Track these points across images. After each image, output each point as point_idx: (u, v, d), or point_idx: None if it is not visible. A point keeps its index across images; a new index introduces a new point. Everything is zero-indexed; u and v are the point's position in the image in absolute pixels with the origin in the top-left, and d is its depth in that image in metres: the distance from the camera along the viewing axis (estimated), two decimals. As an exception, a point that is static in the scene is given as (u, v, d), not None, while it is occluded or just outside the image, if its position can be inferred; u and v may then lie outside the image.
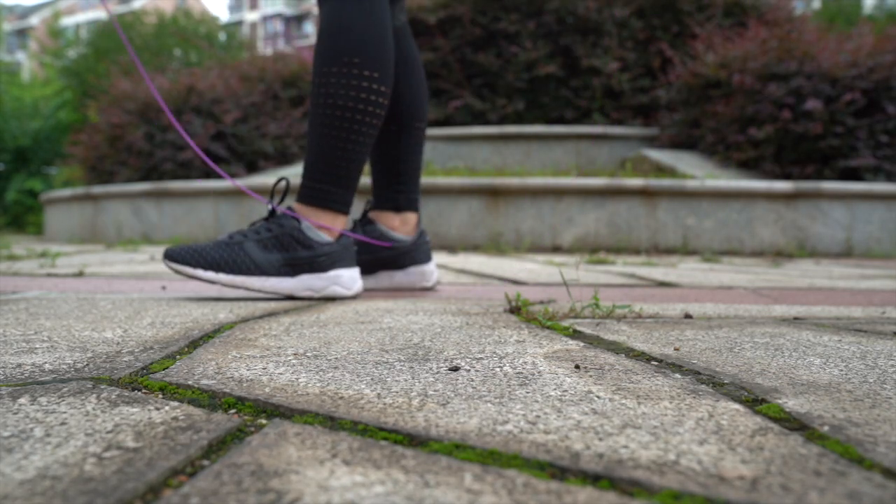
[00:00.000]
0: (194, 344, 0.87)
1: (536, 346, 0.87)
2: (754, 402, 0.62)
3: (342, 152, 1.40)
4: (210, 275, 1.33)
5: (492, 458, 0.46)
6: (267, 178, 4.69)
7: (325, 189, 1.41)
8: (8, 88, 12.92)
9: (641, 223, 3.84)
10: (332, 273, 1.38)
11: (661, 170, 4.64)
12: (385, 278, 1.64)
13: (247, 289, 1.35)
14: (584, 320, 1.11)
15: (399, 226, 1.65)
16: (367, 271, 1.62)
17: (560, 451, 0.47)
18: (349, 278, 1.40)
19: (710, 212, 3.82)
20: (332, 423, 0.54)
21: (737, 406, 0.60)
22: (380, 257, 1.62)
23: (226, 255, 1.34)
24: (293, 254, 1.36)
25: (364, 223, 1.65)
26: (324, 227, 1.40)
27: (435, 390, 0.64)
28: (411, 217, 1.67)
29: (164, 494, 0.40)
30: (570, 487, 0.41)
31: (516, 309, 1.18)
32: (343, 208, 1.43)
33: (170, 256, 1.35)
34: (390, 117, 1.60)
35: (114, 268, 2.31)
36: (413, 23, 6.08)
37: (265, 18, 47.54)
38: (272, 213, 1.41)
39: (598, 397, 0.62)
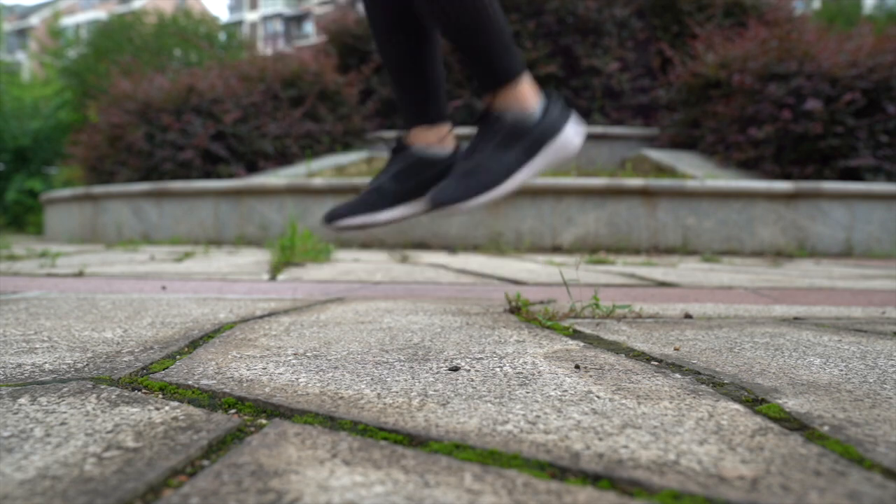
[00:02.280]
0: (194, 344, 0.87)
1: (536, 346, 0.87)
2: (754, 402, 0.61)
3: (488, 32, 1.45)
4: (486, 197, 1.42)
5: (492, 458, 0.46)
6: (267, 178, 4.69)
7: (499, 66, 1.44)
8: (8, 88, 12.91)
9: (641, 223, 3.84)
10: (561, 135, 1.48)
11: (661, 170, 4.64)
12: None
13: (514, 188, 1.43)
14: (584, 320, 1.11)
15: (435, 140, 1.65)
16: (414, 196, 1.61)
17: (560, 451, 0.47)
18: (573, 129, 1.51)
19: (710, 212, 3.82)
20: (332, 423, 0.54)
21: (737, 406, 0.60)
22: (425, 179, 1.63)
23: (484, 179, 1.43)
24: (524, 141, 1.45)
25: (398, 150, 1.64)
26: (525, 98, 1.45)
27: (435, 390, 0.64)
28: (444, 129, 1.68)
29: (164, 494, 0.40)
30: (570, 487, 0.41)
31: (516, 309, 1.18)
32: (522, 68, 1.48)
33: (440, 203, 1.42)
34: (408, 33, 1.61)
35: (114, 268, 2.31)
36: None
37: (265, 18, 47.54)
38: (480, 121, 1.49)
39: (598, 397, 0.62)
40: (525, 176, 1.46)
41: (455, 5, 1.44)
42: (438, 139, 1.63)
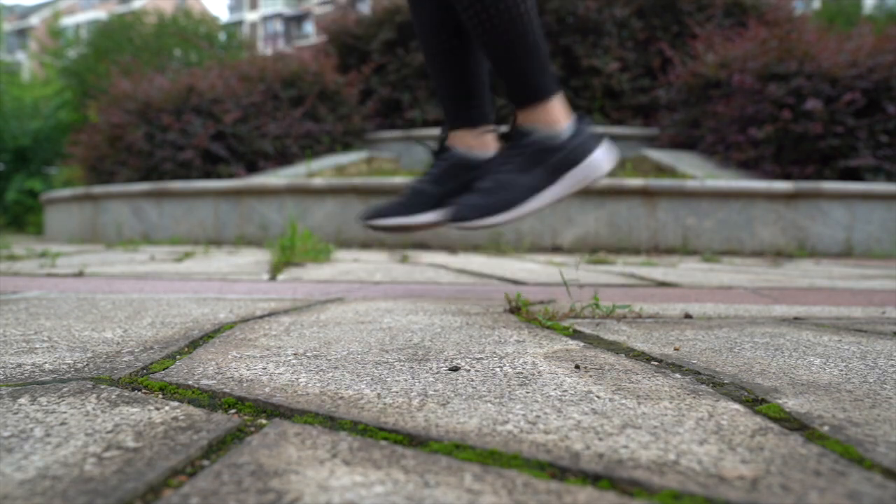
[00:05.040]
0: (194, 344, 0.87)
1: (536, 346, 0.87)
2: (754, 402, 0.61)
3: (526, 48, 1.40)
4: (501, 217, 1.39)
5: (492, 458, 0.46)
6: (267, 178, 4.69)
7: (533, 84, 1.42)
8: (8, 88, 12.91)
9: (641, 223, 3.84)
10: (588, 159, 1.43)
11: (661, 170, 4.64)
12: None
13: (534, 210, 1.40)
14: (584, 320, 1.11)
15: (476, 144, 1.61)
16: (454, 199, 1.57)
17: (560, 451, 0.47)
18: (603, 154, 1.46)
19: (710, 212, 3.82)
20: (332, 423, 0.54)
21: (737, 406, 0.60)
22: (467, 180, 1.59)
23: (505, 197, 1.40)
24: (549, 161, 1.41)
25: (440, 152, 1.60)
26: (555, 118, 1.41)
27: (435, 390, 0.64)
28: (486, 131, 1.63)
29: (164, 494, 0.40)
30: (570, 487, 0.41)
31: (516, 309, 1.18)
32: (556, 88, 1.44)
33: (458, 218, 1.40)
34: (451, 32, 1.58)
35: (114, 268, 2.31)
36: (411, 24, 6.09)
37: (265, 18, 47.52)
38: (507, 137, 1.45)
39: (598, 397, 0.62)
40: (548, 198, 1.41)
41: (490, 14, 1.41)
42: (480, 142, 1.60)
